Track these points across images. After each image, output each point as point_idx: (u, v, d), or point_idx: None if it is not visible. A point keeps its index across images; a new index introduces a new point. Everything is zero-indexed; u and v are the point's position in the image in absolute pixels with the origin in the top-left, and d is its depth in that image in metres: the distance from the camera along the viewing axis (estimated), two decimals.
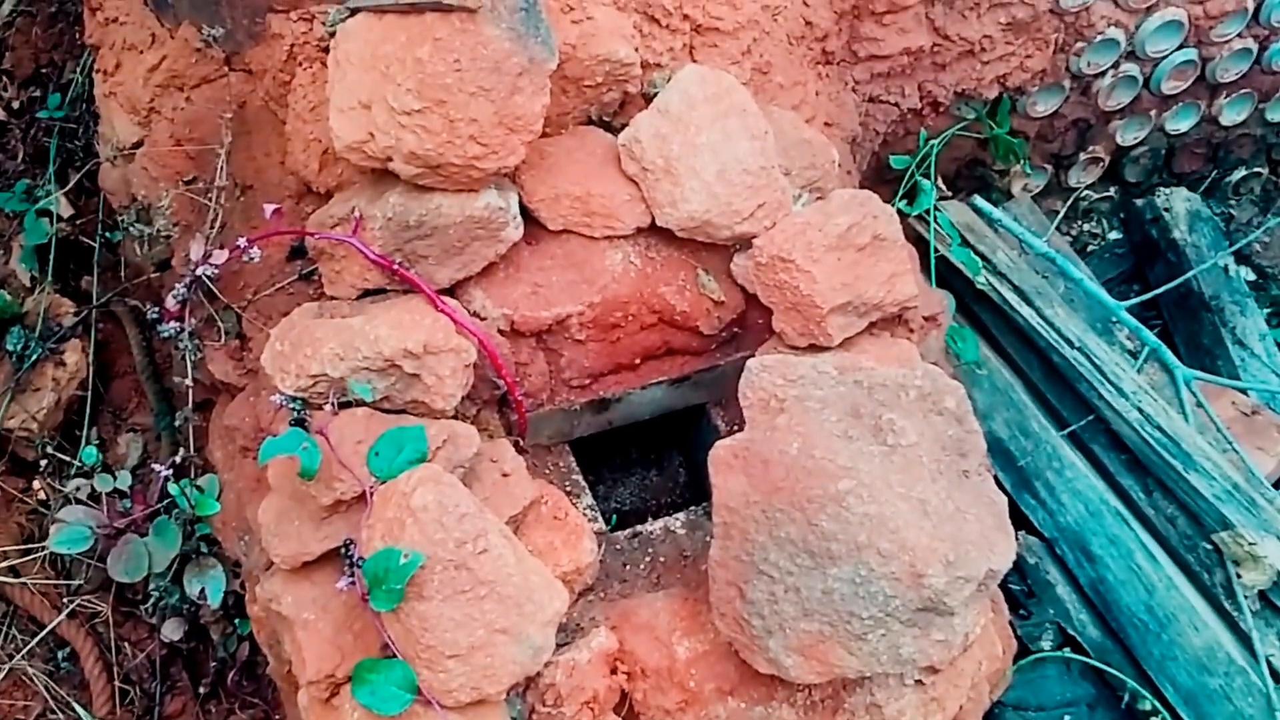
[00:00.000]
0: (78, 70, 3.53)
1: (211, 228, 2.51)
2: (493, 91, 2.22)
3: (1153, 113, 3.72)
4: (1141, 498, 2.97)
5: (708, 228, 2.48)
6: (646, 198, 2.50)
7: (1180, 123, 3.78)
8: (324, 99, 2.38)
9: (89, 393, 3.14)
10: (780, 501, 2.11)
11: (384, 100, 2.22)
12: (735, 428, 2.61)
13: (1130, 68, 3.51)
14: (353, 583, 2.03)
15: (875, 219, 2.52)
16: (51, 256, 3.25)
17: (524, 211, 2.45)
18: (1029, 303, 3.20)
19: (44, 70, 3.68)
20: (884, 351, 2.51)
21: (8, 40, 3.74)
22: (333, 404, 2.19)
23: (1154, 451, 2.93)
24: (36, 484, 3.04)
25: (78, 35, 3.59)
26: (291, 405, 2.20)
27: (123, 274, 3.24)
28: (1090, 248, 3.93)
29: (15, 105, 3.62)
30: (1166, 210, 3.78)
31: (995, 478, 2.75)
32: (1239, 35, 3.57)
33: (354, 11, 2.32)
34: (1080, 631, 2.96)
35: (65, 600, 2.94)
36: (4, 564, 2.92)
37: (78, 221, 3.35)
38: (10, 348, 3.05)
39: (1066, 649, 2.96)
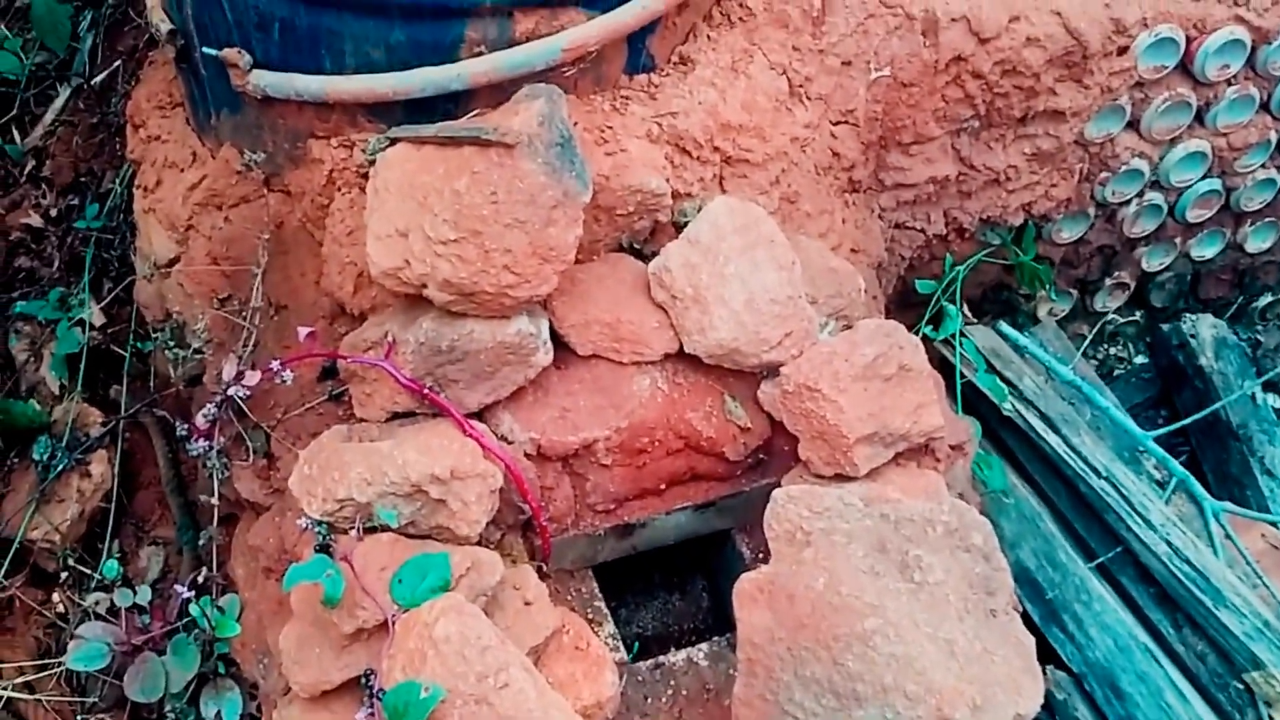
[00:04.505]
0: (116, 181, 3.59)
1: (244, 347, 2.54)
2: (528, 223, 2.25)
3: (1178, 240, 3.74)
4: (1171, 633, 2.93)
5: (735, 355, 2.49)
6: (675, 325, 2.52)
7: (1205, 250, 3.80)
8: (360, 223, 2.42)
9: (113, 504, 3.14)
10: (806, 639, 2.09)
11: (421, 229, 2.25)
12: (760, 554, 2.60)
13: (1155, 196, 3.54)
14: (372, 714, 2.01)
15: (901, 349, 2.53)
16: (82, 365, 3.27)
17: (554, 336, 2.47)
18: (1055, 430, 3.19)
19: (83, 179, 3.75)
20: (911, 483, 2.50)
21: (49, 148, 3.82)
22: (358, 529, 2.19)
23: (1183, 586, 2.90)
24: (56, 596, 3.03)
25: (118, 146, 3.65)
26: (317, 529, 2.20)
27: (152, 384, 3.25)
28: (1116, 372, 3.92)
29: (53, 213, 3.68)
30: (1193, 336, 3.78)
31: (1023, 610, 2.72)
32: (1262, 166, 3.60)
33: (394, 141, 2.37)
34: None
35: (80, 718, 2.91)
36: (19, 679, 2.89)
37: (109, 330, 3.38)
38: (36, 457, 3.06)
39: None
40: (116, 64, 3.83)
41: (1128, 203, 3.52)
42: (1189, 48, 3.21)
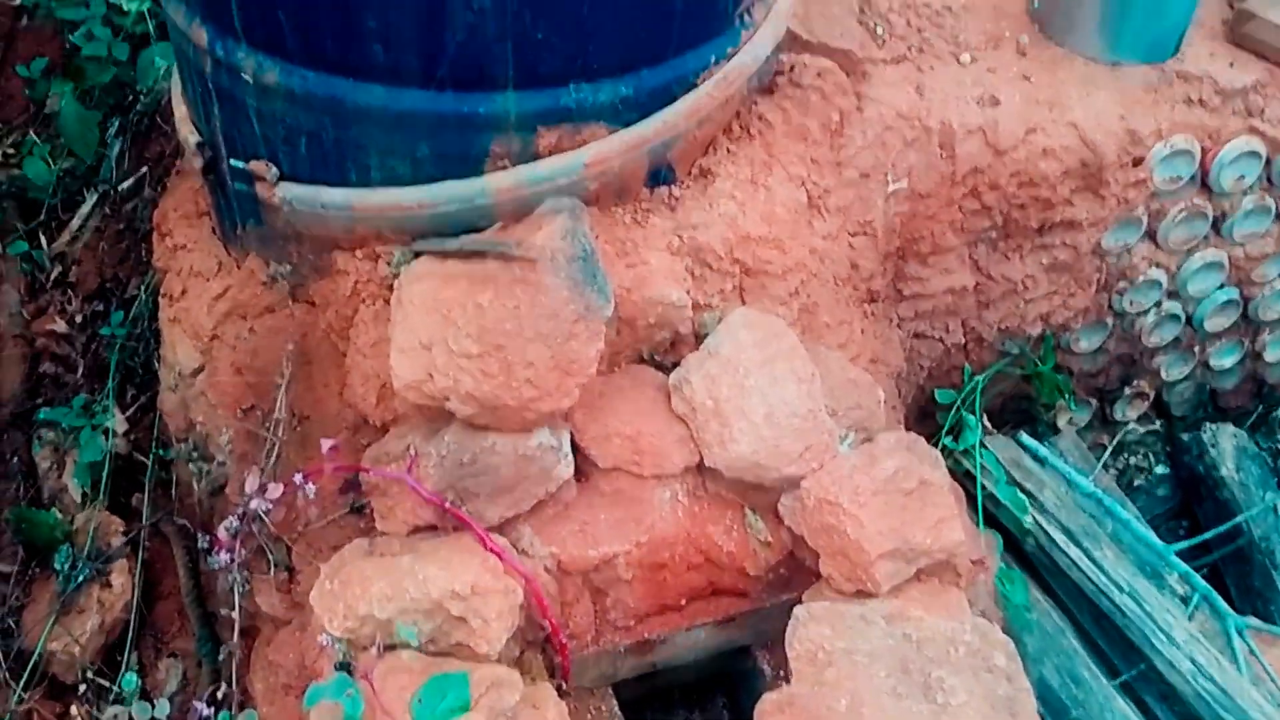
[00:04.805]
0: (142, 288, 3.61)
1: (267, 458, 2.54)
2: (549, 337, 2.27)
3: (1196, 349, 3.74)
4: None
5: (756, 469, 2.48)
6: (695, 437, 2.52)
7: (1224, 359, 3.80)
8: (384, 335, 2.44)
9: (133, 615, 3.11)
10: None
11: (444, 342, 2.27)
12: (781, 672, 2.56)
13: (1173, 306, 3.55)
14: None
15: (921, 463, 2.53)
16: (105, 474, 3.26)
17: (574, 448, 2.47)
18: (1077, 544, 3.15)
19: (109, 286, 3.77)
20: (933, 600, 2.47)
21: (75, 255, 3.86)
22: (378, 646, 2.18)
23: (1207, 706, 2.85)
24: (74, 709, 2.98)
25: (144, 253, 3.69)
26: (337, 646, 2.18)
27: (174, 491, 3.24)
28: (1137, 482, 3.90)
29: (79, 319, 3.71)
30: (1213, 447, 3.76)
31: None
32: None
33: (418, 254, 2.40)
34: None
35: None
36: None
37: (132, 437, 3.39)
38: (57, 567, 3.04)
39: None
40: (143, 171, 3.88)
41: (1146, 312, 3.53)
42: (1204, 159, 3.24)
